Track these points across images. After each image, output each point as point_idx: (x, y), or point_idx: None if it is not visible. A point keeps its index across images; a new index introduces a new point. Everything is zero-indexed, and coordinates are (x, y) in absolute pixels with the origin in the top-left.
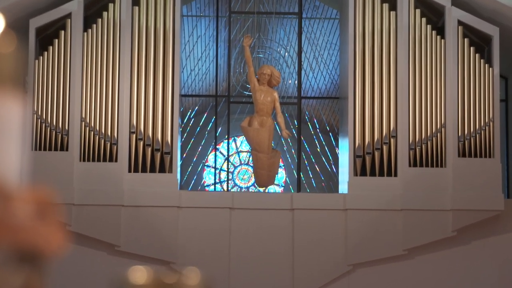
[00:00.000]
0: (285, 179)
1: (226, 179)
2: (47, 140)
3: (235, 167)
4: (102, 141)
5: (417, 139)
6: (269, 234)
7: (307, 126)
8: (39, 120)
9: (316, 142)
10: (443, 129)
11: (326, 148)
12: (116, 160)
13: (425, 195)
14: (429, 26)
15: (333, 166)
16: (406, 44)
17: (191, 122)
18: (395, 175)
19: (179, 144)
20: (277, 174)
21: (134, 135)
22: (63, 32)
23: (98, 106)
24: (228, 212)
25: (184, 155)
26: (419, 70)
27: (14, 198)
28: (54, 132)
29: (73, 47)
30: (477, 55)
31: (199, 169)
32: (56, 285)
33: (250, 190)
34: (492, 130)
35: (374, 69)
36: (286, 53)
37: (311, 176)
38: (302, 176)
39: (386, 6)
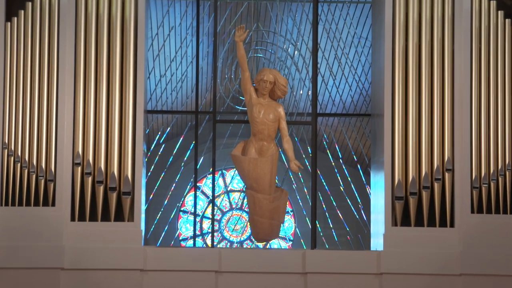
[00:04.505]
0: (295, 230)
1: (210, 231)
2: None
3: (224, 213)
4: (34, 176)
5: (482, 174)
6: None
7: (325, 155)
8: None
9: (339, 177)
10: None
11: (353, 186)
12: (53, 204)
13: (494, 254)
14: (500, 13)
15: (362, 212)
16: (467, 38)
17: (161, 150)
18: (452, 225)
19: (143, 180)
20: (282, 223)
21: (80, 168)
22: None
23: (27, 127)
24: (214, 278)
25: (151, 196)
26: (485, 75)
27: None
28: None
29: None
30: None
31: (172, 216)
32: None
33: (245, 246)
34: None
35: (421, 74)
36: (296, 52)
37: (331, 225)
38: (318, 225)
39: None
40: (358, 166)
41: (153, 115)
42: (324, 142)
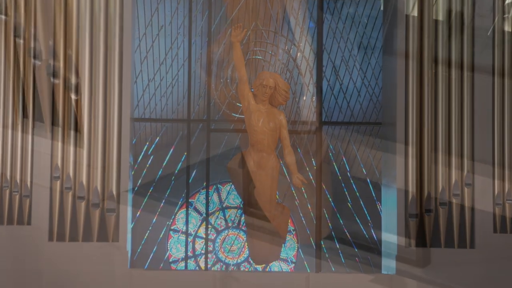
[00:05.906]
0: (297, 251)
1: (204, 252)
2: None
3: (219, 233)
4: (7, 191)
5: (506, 189)
6: None
7: (331, 167)
8: None
9: (346, 193)
10: None
11: (362, 203)
12: (29, 223)
13: None
14: None
15: (372, 231)
16: (489, 37)
17: (149, 162)
18: (472, 246)
19: (130, 196)
20: (284, 243)
21: (58, 183)
22: None
23: (0, 136)
24: None
25: (138, 213)
26: (509, 77)
27: None
28: None
29: None
30: None
31: (161, 236)
32: None
33: (242, 268)
34: None
35: (437, 78)
36: (299, 53)
37: (337, 246)
38: (323, 246)
39: None
40: (368, 180)
41: (141, 123)
42: (330, 154)
